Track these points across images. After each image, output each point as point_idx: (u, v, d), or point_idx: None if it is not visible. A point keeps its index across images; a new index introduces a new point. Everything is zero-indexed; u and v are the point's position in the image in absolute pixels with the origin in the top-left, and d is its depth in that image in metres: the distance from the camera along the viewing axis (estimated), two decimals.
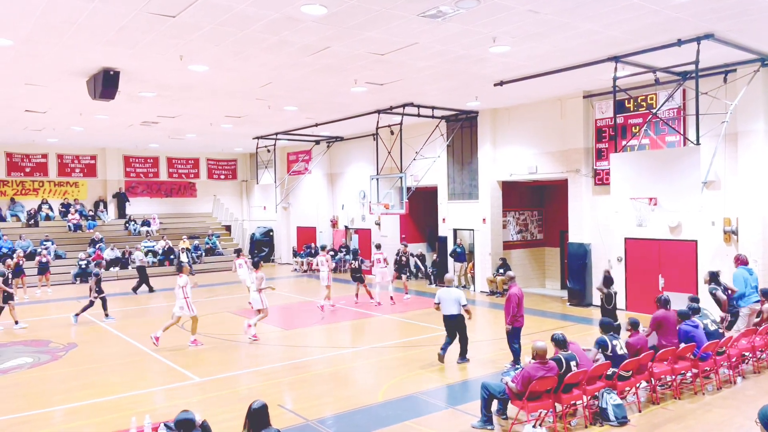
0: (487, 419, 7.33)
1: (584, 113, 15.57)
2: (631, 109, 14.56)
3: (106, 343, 12.57)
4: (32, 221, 24.53)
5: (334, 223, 25.39)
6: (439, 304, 10.43)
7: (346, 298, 17.53)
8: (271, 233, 29.35)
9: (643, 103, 14.32)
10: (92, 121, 18.66)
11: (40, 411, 8.40)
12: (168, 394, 9.12)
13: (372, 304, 16.24)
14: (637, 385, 8.06)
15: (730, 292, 10.55)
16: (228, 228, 30.16)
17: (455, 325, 10.43)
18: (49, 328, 13.93)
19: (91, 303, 14.68)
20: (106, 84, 11.85)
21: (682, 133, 13.37)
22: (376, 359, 10.99)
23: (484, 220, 18.24)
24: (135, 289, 19.23)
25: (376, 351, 11.58)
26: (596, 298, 14.05)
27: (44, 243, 22.71)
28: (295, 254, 26.61)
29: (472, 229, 18.84)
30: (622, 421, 7.36)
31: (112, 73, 11.83)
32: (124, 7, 8.44)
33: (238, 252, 18.41)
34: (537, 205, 20.16)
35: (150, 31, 9.59)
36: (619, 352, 7.95)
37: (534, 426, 6.81)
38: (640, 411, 7.83)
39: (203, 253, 26.15)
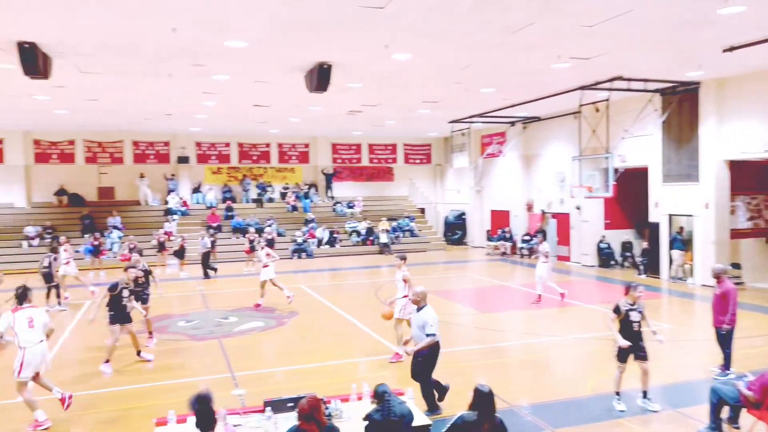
0: (715, 427, 6.57)
1: None
2: None
3: (322, 314, 13.88)
4: (258, 202, 28.21)
5: (529, 207, 24.69)
6: None
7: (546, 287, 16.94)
8: (464, 216, 29.58)
9: None
10: (307, 112, 20.54)
11: (270, 370, 9.59)
12: (377, 365, 9.73)
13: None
14: None
15: None
16: (422, 210, 31.13)
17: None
18: (273, 297, 15.75)
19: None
20: (320, 77, 12.91)
21: None
22: (578, 350, 10.49)
23: (706, 204, 16.20)
24: (206, 274, 19.53)
25: (578, 342, 11.03)
26: None
27: (269, 221, 25.92)
28: (489, 238, 26.49)
29: (691, 215, 16.87)
30: None
31: (325, 66, 12.84)
32: (339, 2, 9.03)
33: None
34: None
35: (360, 25, 10.16)
36: None
37: None
38: None
39: (402, 234, 27.48)
